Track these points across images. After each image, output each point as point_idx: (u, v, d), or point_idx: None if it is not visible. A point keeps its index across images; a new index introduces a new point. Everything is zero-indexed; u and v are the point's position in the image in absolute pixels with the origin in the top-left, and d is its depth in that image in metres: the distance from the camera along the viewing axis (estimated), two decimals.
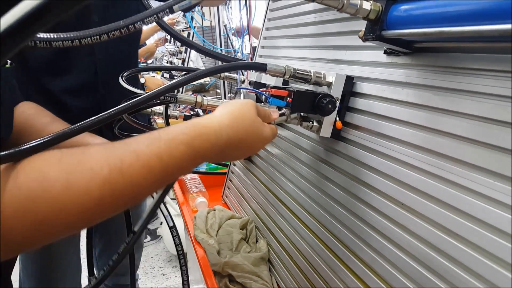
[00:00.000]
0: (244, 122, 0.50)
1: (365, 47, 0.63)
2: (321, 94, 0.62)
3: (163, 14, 0.41)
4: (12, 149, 0.42)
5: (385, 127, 0.56)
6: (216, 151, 0.47)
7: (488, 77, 0.42)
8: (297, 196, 0.79)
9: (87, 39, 0.41)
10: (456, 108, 0.45)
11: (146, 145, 0.41)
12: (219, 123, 0.48)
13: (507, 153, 0.39)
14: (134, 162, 0.38)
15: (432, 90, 0.49)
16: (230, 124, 0.48)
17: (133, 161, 0.38)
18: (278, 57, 0.99)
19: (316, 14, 0.82)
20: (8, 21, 0.17)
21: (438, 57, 0.49)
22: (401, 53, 0.54)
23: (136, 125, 0.80)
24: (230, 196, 1.20)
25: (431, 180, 0.47)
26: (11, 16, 0.17)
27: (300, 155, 0.80)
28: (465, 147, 0.44)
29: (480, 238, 0.40)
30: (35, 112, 0.78)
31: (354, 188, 0.62)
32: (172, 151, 0.41)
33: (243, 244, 0.89)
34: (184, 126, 0.45)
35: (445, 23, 0.41)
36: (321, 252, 0.68)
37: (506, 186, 0.39)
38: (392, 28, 0.48)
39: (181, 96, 0.63)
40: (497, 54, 0.41)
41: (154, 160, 0.40)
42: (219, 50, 2.32)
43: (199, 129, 0.46)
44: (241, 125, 0.50)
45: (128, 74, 0.88)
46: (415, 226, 0.49)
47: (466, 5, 0.38)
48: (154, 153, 0.40)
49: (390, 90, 0.57)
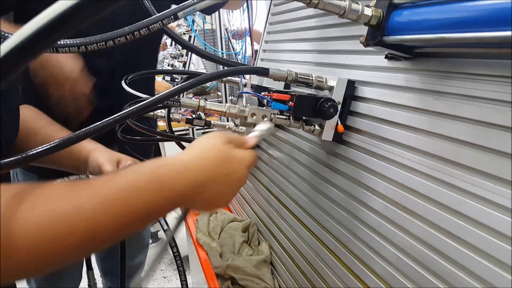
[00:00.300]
0: (213, 149, 0.44)
1: (366, 51, 0.63)
2: (323, 98, 0.62)
3: (168, 21, 0.41)
4: (14, 156, 0.42)
5: (387, 131, 0.57)
6: (189, 184, 0.40)
7: (488, 82, 0.43)
8: (299, 199, 0.80)
9: (93, 45, 0.42)
10: (457, 113, 0.46)
11: (104, 181, 0.36)
12: (186, 155, 0.43)
13: (506, 157, 0.40)
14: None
15: (432, 95, 0.50)
16: (198, 155, 0.43)
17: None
18: (279, 61, 1.00)
19: (317, 18, 0.82)
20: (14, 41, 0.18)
21: (439, 62, 0.49)
22: (402, 58, 0.55)
23: (139, 129, 0.80)
24: (232, 199, 1.20)
25: (432, 183, 0.48)
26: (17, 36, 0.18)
27: (302, 158, 0.81)
28: (466, 150, 0.44)
29: (480, 240, 0.41)
30: (33, 115, 0.79)
31: (355, 191, 0.62)
32: (132, 182, 0.36)
33: (245, 247, 0.90)
34: (148, 162, 0.40)
35: (446, 29, 0.42)
36: (323, 254, 0.69)
37: (505, 190, 0.39)
38: (393, 34, 0.49)
39: (184, 100, 0.64)
40: (497, 60, 0.42)
41: (112, 194, 0.34)
42: (220, 53, 2.33)
43: (163, 160, 0.41)
44: (211, 153, 0.44)
45: (132, 78, 0.89)
46: (417, 229, 0.49)
47: (467, 12, 0.39)
48: (113, 186, 0.35)
49: (391, 95, 0.57)
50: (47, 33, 0.18)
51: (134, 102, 0.62)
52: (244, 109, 0.66)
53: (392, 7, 0.49)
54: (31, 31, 0.18)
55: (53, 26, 0.18)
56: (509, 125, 0.40)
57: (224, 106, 0.67)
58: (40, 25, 0.18)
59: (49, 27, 0.17)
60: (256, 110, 0.66)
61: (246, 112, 0.66)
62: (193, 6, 0.41)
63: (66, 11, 0.17)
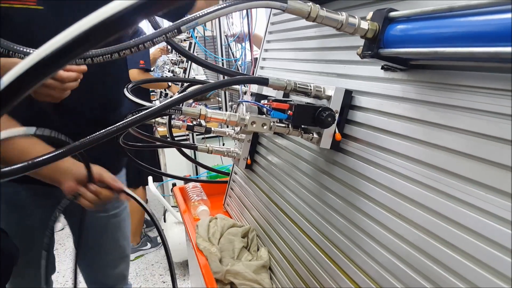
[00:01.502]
0: None
1: (363, 62, 0.65)
2: (321, 108, 0.64)
3: (171, 34, 0.43)
4: (20, 164, 0.44)
5: (383, 140, 0.58)
6: None
7: (481, 94, 0.44)
8: (298, 205, 0.81)
9: (99, 57, 0.43)
10: (451, 123, 0.47)
11: None
12: None
13: (498, 167, 0.41)
14: None
15: (428, 106, 0.51)
16: None
17: None
18: (279, 69, 1.01)
19: (316, 28, 0.84)
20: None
21: (433, 74, 0.51)
22: (397, 69, 0.57)
23: (141, 136, 0.82)
24: (232, 205, 1.21)
25: (427, 191, 0.49)
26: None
27: (301, 165, 0.82)
28: (459, 160, 0.46)
29: (474, 249, 0.42)
30: None
31: (353, 198, 0.64)
32: None
33: (244, 252, 0.91)
34: None
35: (439, 44, 0.43)
36: (321, 260, 0.70)
37: (501, 200, 0.40)
38: (389, 47, 0.50)
39: (186, 109, 0.65)
40: (490, 73, 0.44)
41: None
42: (220, 59, 2.36)
43: None
44: None
45: (133, 86, 0.90)
46: (412, 236, 0.51)
47: (460, 27, 0.41)
48: None
49: (388, 105, 0.59)
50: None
51: (137, 110, 0.63)
52: (244, 117, 0.68)
53: (387, 20, 0.51)
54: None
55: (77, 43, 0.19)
56: (502, 136, 0.41)
57: (224, 114, 0.69)
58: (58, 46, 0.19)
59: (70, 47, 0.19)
60: (256, 118, 0.68)
61: (246, 121, 0.67)
62: (196, 20, 0.43)
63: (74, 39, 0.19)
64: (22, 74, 0.19)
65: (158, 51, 2.96)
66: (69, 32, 0.19)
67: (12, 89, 0.19)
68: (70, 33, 0.19)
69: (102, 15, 0.18)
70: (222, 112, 0.70)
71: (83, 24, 0.18)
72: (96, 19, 0.18)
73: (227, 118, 0.69)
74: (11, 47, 0.42)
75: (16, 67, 0.19)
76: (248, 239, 0.95)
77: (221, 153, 1.09)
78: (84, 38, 0.18)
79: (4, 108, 0.19)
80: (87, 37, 0.18)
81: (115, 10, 0.18)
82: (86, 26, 0.19)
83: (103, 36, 0.19)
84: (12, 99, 0.20)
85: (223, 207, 1.28)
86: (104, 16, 0.18)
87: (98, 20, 0.18)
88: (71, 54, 0.19)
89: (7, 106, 0.20)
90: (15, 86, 0.19)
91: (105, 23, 0.18)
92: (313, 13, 0.49)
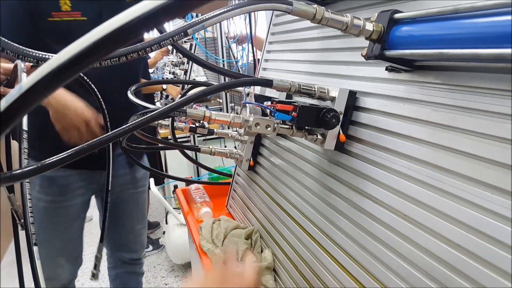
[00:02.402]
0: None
1: (367, 63, 0.65)
2: (325, 109, 0.64)
3: (178, 37, 0.43)
4: (31, 166, 0.44)
5: (388, 140, 0.59)
6: None
7: (486, 95, 0.45)
8: (301, 207, 0.81)
9: (107, 61, 0.43)
10: (456, 124, 0.48)
11: None
12: None
13: (503, 166, 0.41)
14: None
15: (432, 106, 0.52)
16: None
17: None
18: (282, 70, 1.02)
19: (319, 30, 0.84)
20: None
21: (438, 75, 0.51)
22: (402, 70, 0.57)
23: (145, 138, 0.82)
24: (234, 206, 1.21)
25: (432, 192, 0.50)
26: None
27: (304, 166, 0.83)
28: (464, 161, 0.46)
29: (479, 248, 0.42)
30: None
31: (357, 199, 0.64)
32: None
33: (248, 254, 0.91)
34: None
35: (444, 45, 0.43)
36: (325, 261, 0.70)
37: (503, 199, 0.41)
38: (393, 48, 0.51)
39: (190, 111, 0.66)
40: (494, 74, 0.44)
41: None
42: (221, 61, 2.36)
43: None
44: None
45: (136, 88, 0.91)
46: (417, 237, 0.51)
47: (465, 29, 0.41)
48: None
49: (392, 105, 0.59)
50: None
51: (141, 113, 0.64)
52: (249, 119, 0.68)
53: (392, 22, 0.51)
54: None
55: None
56: (506, 137, 0.41)
57: (229, 116, 0.69)
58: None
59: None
60: (260, 120, 0.68)
61: (250, 122, 0.68)
62: (202, 23, 0.43)
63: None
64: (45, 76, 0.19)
65: (159, 53, 2.97)
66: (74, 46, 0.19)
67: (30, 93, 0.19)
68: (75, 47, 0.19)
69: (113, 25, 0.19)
70: (226, 114, 0.70)
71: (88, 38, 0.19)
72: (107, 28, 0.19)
73: (231, 120, 0.69)
74: (21, 50, 0.43)
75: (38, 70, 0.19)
76: (252, 240, 0.95)
77: (223, 155, 1.09)
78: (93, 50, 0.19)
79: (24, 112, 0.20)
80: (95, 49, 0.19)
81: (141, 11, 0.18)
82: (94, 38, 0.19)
83: (111, 47, 0.19)
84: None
85: (226, 209, 1.28)
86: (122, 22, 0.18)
87: (107, 31, 0.19)
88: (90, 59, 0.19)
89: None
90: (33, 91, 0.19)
91: (124, 28, 0.18)
92: (318, 15, 0.49)
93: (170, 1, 0.18)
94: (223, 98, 2.53)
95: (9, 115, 0.21)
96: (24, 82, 0.20)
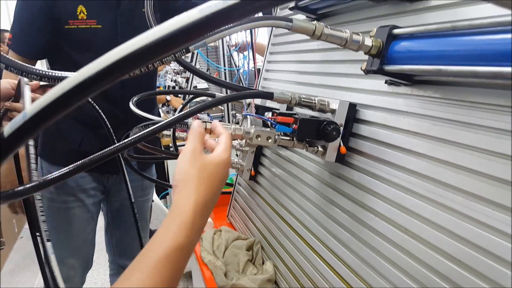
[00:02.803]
0: (192, 177, 0.46)
1: (367, 75, 0.66)
2: (326, 121, 0.64)
3: (180, 54, 0.44)
4: (34, 182, 0.44)
5: (388, 154, 0.59)
6: (198, 216, 0.43)
7: (484, 110, 0.45)
8: (302, 218, 0.81)
9: None
10: (455, 139, 0.48)
11: None
12: (180, 201, 0.45)
13: (502, 182, 0.41)
14: None
15: (432, 120, 0.52)
16: (187, 195, 0.45)
17: None
18: (282, 81, 1.02)
19: (319, 41, 0.85)
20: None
21: (437, 90, 0.52)
22: (401, 84, 0.57)
23: (148, 149, 0.82)
24: (235, 216, 1.21)
25: (432, 206, 0.50)
26: None
27: (305, 177, 0.83)
28: (463, 176, 0.46)
29: (479, 263, 0.42)
30: None
31: (358, 212, 0.64)
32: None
33: (249, 265, 0.91)
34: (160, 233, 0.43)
35: (442, 61, 0.44)
36: (327, 274, 0.70)
37: (503, 215, 0.41)
38: (393, 63, 0.51)
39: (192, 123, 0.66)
40: (492, 89, 0.44)
41: None
42: (222, 69, 2.37)
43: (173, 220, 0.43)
44: (193, 182, 0.46)
45: (138, 99, 0.91)
46: (418, 251, 0.51)
47: (463, 46, 0.41)
48: None
49: (392, 119, 0.59)
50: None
51: (144, 125, 0.64)
52: (250, 130, 0.68)
53: (391, 37, 0.51)
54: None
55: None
56: (506, 153, 0.42)
57: (229, 128, 0.69)
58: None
59: None
60: (261, 131, 0.68)
61: (251, 134, 0.68)
62: (204, 40, 0.44)
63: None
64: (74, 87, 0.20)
65: None
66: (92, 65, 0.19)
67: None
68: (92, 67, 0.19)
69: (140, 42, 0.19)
70: (227, 125, 0.70)
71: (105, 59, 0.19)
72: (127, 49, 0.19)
73: (232, 131, 0.69)
74: (24, 68, 0.43)
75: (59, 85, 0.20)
76: (253, 252, 0.95)
77: None
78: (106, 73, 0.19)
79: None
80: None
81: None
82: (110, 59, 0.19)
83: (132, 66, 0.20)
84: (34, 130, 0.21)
85: (227, 219, 1.28)
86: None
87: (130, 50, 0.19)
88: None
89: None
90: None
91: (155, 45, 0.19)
92: (318, 31, 0.50)
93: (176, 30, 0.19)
94: (224, 106, 2.54)
95: (13, 141, 0.21)
96: (29, 110, 0.20)
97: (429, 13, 0.55)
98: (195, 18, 0.18)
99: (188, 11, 0.19)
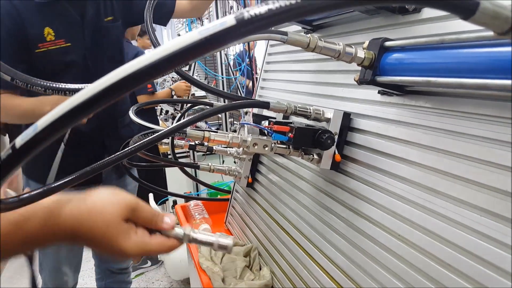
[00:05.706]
0: (96, 224, 0.43)
1: (360, 86, 0.68)
2: (321, 130, 0.66)
3: (179, 67, 0.45)
4: (36, 190, 0.45)
5: (382, 162, 0.60)
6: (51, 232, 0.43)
7: (473, 120, 0.47)
8: (299, 224, 0.83)
9: None
10: (445, 147, 0.50)
11: None
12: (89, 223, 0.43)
13: (490, 189, 0.43)
14: None
15: (423, 129, 0.54)
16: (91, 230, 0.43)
17: None
18: (279, 90, 1.04)
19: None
20: None
21: (428, 100, 0.54)
22: (393, 94, 0.59)
23: (147, 157, 0.84)
24: (233, 223, 1.22)
25: (425, 213, 0.51)
26: None
27: (302, 184, 0.84)
28: (453, 183, 0.48)
29: (470, 269, 0.44)
30: None
31: (353, 219, 0.65)
32: None
33: (246, 271, 0.92)
34: None
35: (432, 73, 0.46)
36: (323, 279, 0.71)
37: (491, 221, 0.42)
38: (384, 74, 0.53)
39: (190, 132, 0.68)
40: (480, 100, 0.46)
41: None
42: (220, 77, 2.40)
43: None
44: (94, 225, 0.43)
45: (137, 108, 0.93)
46: (411, 257, 0.52)
47: (451, 59, 0.43)
48: None
49: (385, 127, 0.61)
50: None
51: (143, 134, 0.66)
52: (247, 139, 0.70)
53: (383, 49, 0.53)
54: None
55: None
56: (492, 160, 0.43)
57: (227, 137, 0.71)
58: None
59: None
60: (258, 140, 0.70)
61: (248, 142, 0.69)
62: None
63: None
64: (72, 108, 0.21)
65: None
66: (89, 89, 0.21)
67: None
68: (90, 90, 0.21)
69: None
70: (224, 134, 0.72)
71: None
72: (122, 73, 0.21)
73: (229, 140, 0.71)
74: (29, 80, 0.45)
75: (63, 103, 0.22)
76: (250, 258, 0.96)
77: (222, 172, 1.10)
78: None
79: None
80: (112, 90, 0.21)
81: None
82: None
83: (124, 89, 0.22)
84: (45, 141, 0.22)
85: (225, 225, 1.29)
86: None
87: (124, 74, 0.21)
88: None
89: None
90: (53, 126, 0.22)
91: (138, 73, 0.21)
92: (312, 44, 0.52)
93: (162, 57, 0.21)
94: (222, 115, 2.56)
95: (24, 151, 0.23)
96: (39, 123, 0.22)
97: (420, 26, 0.57)
98: (194, 40, 0.20)
99: (188, 33, 0.20)
